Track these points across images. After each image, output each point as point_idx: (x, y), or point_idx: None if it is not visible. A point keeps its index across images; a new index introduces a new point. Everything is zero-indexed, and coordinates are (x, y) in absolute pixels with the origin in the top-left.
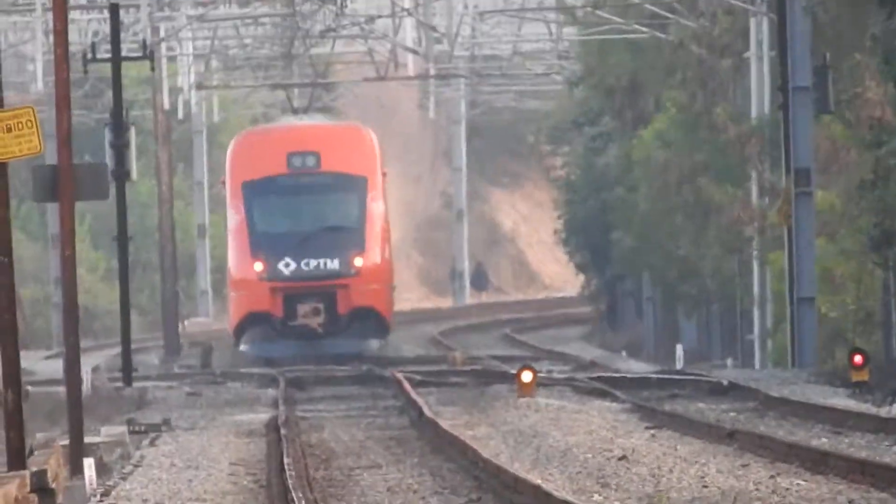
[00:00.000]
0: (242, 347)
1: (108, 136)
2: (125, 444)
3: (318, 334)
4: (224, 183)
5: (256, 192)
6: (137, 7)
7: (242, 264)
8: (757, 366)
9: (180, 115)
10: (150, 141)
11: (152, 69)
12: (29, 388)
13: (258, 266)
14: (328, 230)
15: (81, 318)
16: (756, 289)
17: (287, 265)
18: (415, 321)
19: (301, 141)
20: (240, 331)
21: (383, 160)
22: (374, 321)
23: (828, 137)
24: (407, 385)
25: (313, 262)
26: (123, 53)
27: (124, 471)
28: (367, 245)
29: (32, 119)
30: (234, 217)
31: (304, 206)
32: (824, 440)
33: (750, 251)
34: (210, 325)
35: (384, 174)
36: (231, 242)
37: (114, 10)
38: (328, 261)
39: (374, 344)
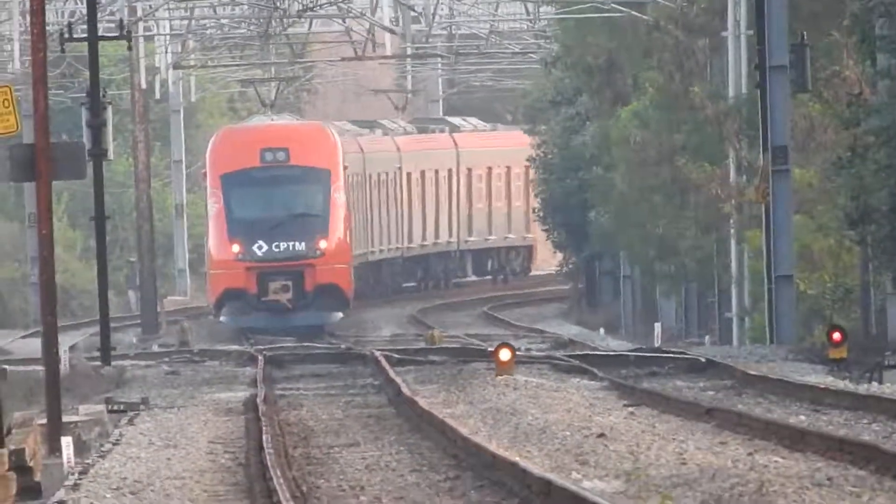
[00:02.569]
0: (221, 319)
1: (84, 115)
2: (103, 422)
3: (287, 308)
4: (205, 175)
5: (233, 183)
6: None
7: (221, 246)
8: (735, 343)
9: (157, 94)
10: (127, 120)
11: (129, 48)
12: (7, 367)
13: (235, 248)
14: (296, 217)
15: (59, 297)
16: (734, 267)
17: (260, 247)
18: (393, 300)
19: (273, 138)
20: (219, 305)
21: (345, 156)
22: (336, 296)
23: (805, 116)
24: (385, 363)
25: (283, 245)
26: (100, 33)
27: (102, 449)
28: (330, 230)
29: (9, 98)
30: (213, 205)
31: (275, 195)
32: (802, 417)
33: (728, 229)
34: (188, 304)
35: (346, 168)
36: (211, 227)
37: None
38: (296, 243)
39: (336, 316)
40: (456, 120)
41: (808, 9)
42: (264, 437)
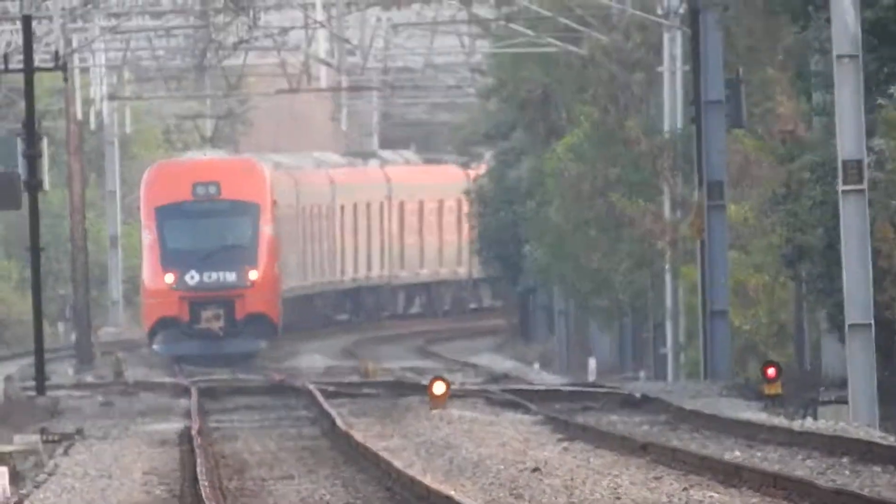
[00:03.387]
0: (155, 347)
1: (20, 146)
2: (38, 452)
3: (218, 336)
4: (139, 207)
5: (167, 215)
6: (50, 18)
7: (155, 276)
8: (669, 379)
9: (93, 125)
10: (62, 151)
11: (65, 80)
12: None
13: (168, 278)
14: (227, 248)
15: None
16: (669, 302)
17: (192, 277)
18: (328, 333)
19: (205, 173)
20: (153, 333)
21: (273, 189)
22: (265, 324)
23: (740, 151)
24: (319, 396)
25: (214, 275)
26: (36, 64)
27: (38, 479)
28: (259, 261)
29: None
30: (147, 236)
31: (206, 227)
32: (737, 453)
33: (663, 264)
34: (122, 335)
35: (274, 202)
36: (146, 258)
37: (26, 21)
38: (227, 274)
39: (263, 344)
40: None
41: (744, 44)
42: (199, 469)
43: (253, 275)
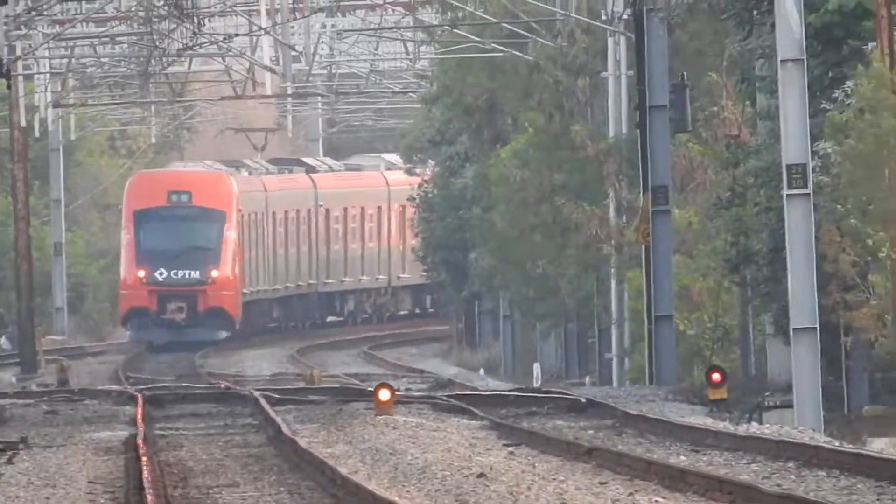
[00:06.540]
0: (127, 333)
1: None
2: None
3: (182, 325)
4: (121, 210)
5: (143, 218)
6: None
7: (129, 271)
8: (615, 384)
9: (37, 132)
10: (6, 159)
11: (8, 87)
12: None
13: (141, 273)
14: (193, 249)
15: None
16: (614, 307)
17: (161, 273)
18: (273, 339)
19: (178, 182)
20: (125, 321)
21: (239, 199)
22: (223, 317)
23: (685, 156)
24: (265, 403)
25: (181, 272)
26: None
27: None
28: (221, 261)
29: None
30: (125, 236)
31: (177, 230)
32: (682, 458)
33: (608, 269)
34: (66, 343)
35: (240, 210)
36: (123, 255)
37: None
38: (192, 272)
39: (222, 334)
40: None
41: (691, 48)
42: (144, 477)
43: (214, 273)
